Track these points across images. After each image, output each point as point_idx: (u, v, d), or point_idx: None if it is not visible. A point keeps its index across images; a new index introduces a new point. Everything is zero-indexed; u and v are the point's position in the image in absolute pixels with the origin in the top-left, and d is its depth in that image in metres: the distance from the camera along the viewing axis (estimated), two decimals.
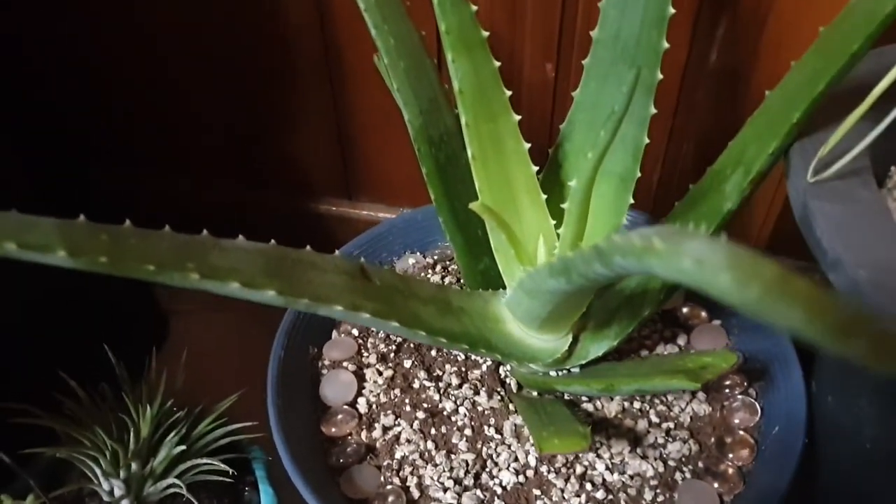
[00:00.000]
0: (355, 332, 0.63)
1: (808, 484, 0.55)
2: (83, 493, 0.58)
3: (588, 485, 0.53)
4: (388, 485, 0.53)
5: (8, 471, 0.54)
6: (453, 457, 0.54)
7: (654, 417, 0.57)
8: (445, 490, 0.52)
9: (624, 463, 0.54)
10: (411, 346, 0.62)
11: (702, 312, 0.63)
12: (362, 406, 0.58)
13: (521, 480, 0.53)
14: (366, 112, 0.81)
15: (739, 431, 0.56)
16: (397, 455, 0.55)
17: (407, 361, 0.61)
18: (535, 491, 0.53)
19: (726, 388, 0.58)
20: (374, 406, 0.58)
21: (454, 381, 0.59)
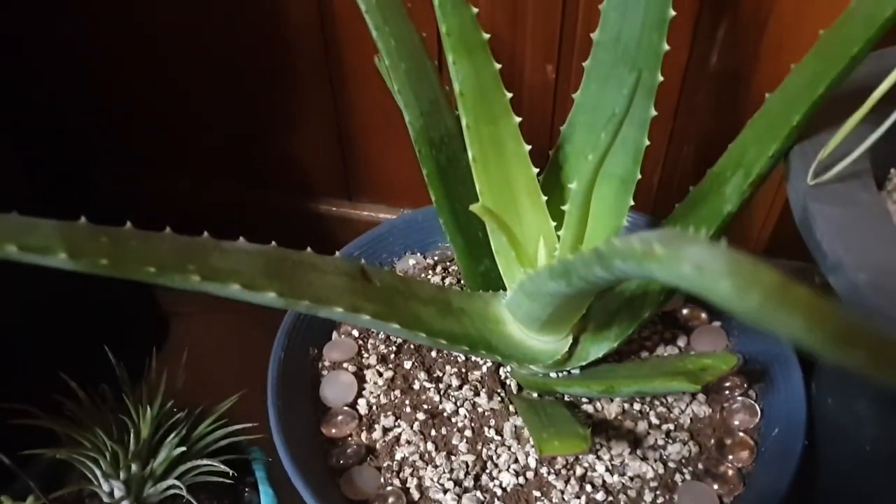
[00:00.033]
0: (355, 333, 0.63)
1: (808, 485, 0.55)
2: (83, 495, 0.58)
3: (588, 486, 0.53)
4: (388, 486, 0.53)
5: (8, 472, 0.54)
6: (453, 458, 0.54)
7: (654, 419, 0.57)
8: (445, 491, 0.52)
9: (624, 464, 0.54)
10: (411, 348, 0.62)
11: (702, 314, 0.63)
12: (362, 407, 0.58)
13: (521, 482, 0.53)
14: (366, 112, 0.81)
15: (739, 433, 0.56)
16: (397, 456, 0.55)
17: (407, 362, 0.61)
18: (535, 492, 0.53)
19: (726, 390, 0.58)
20: (375, 407, 0.58)
21: (454, 382, 0.59)
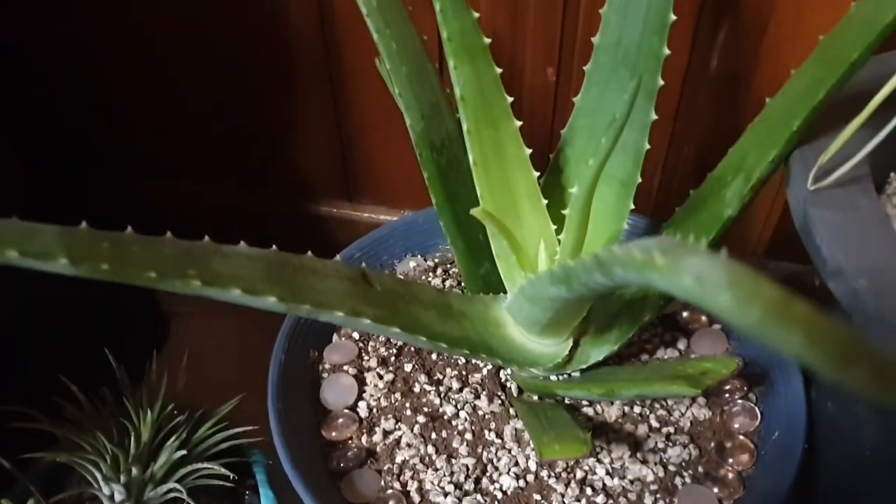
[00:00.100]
0: (356, 335, 0.63)
1: (808, 489, 0.55)
2: (83, 498, 0.58)
3: (588, 489, 0.53)
4: (388, 489, 0.53)
5: (8, 475, 0.53)
6: (454, 461, 0.55)
7: (655, 422, 0.57)
8: (446, 494, 0.53)
9: (624, 467, 0.54)
10: (412, 350, 0.62)
11: (702, 316, 0.63)
12: (363, 410, 0.58)
13: (522, 485, 0.53)
14: (366, 111, 0.81)
15: (739, 436, 0.56)
16: (398, 459, 0.55)
17: (408, 365, 0.61)
18: (536, 496, 0.53)
19: (726, 393, 0.58)
20: (375, 410, 0.58)
21: (455, 385, 0.59)
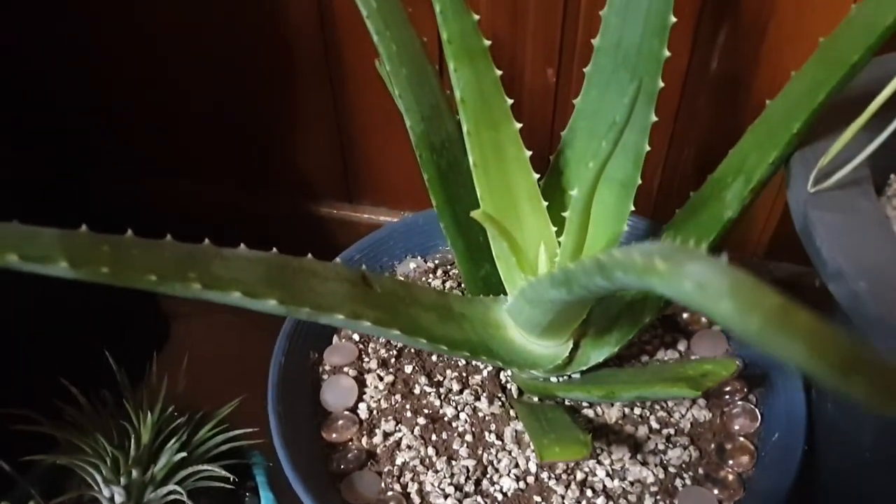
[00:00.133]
0: (356, 337, 0.63)
1: (808, 490, 0.55)
2: (83, 500, 0.58)
3: (588, 491, 0.53)
4: (388, 491, 0.53)
5: (8, 478, 0.54)
6: (454, 463, 0.55)
7: (655, 423, 0.57)
8: (446, 496, 0.53)
9: (624, 469, 0.54)
10: (412, 352, 0.62)
11: (702, 318, 0.63)
12: (363, 412, 0.58)
13: (522, 487, 0.53)
14: (366, 112, 0.81)
15: (739, 437, 0.56)
16: (398, 461, 0.55)
17: (408, 367, 0.61)
18: (536, 497, 0.53)
19: (726, 394, 0.58)
20: (375, 412, 0.58)
21: (455, 386, 0.59)
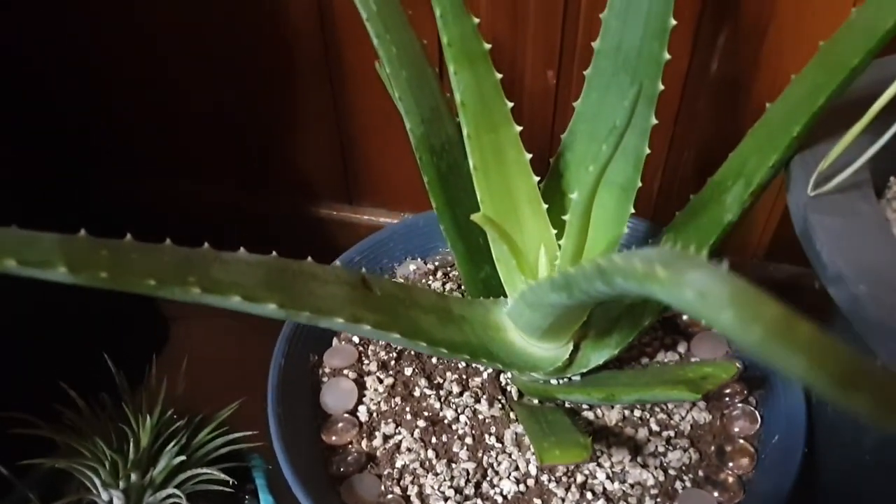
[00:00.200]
0: (356, 339, 0.63)
1: (807, 493, 0.55)
2: None
3: (588, 494, 0.53)
4: (388, 494, 0.53)
5: (6, 482, 0.53)
6: (454, 466, 0.54)
7: (655, 426, 0.57)
8: (446, 499, 0.53)
9: (624, 471, 0.54)
10: (412, 354, 0.62)
11: (702, 320, 0.63)
12: (363, 414, 0.58)
13: (522, 489, 0.53)
14: (366, 114, 0.81)
15: (739, 440, 0.56)
16: (398, 464, 0.55)
17: (408, 369, 0.60)
18: (536, 500, 0.53)
19: (726, 397, 0.58)
20: (375, 414, 0.58)
21: (455, 388, 0.59)
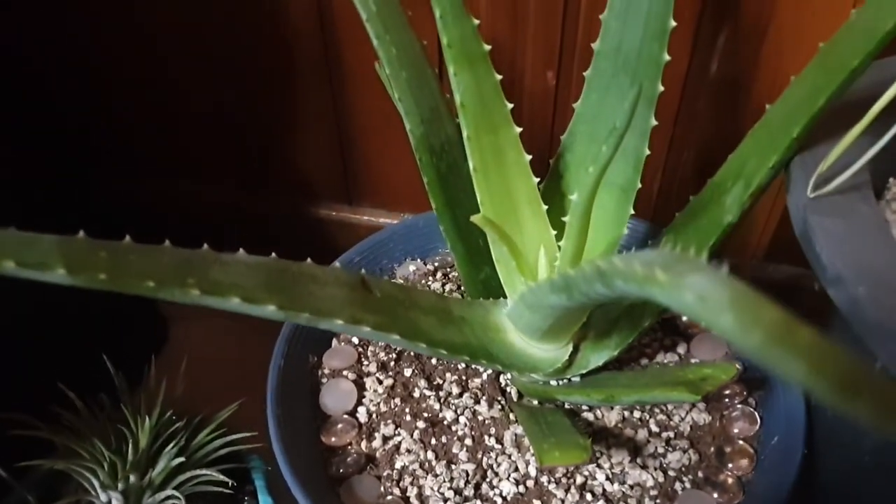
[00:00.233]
0: (355, 340, 0.63)
1: (807, 494, 0.55)
2: None
3: (588, 495, 0.53)
4: (388, 495, 0.53)
5: (4, 483, 0.53)
6: (454, 467, 0.54)
7: (654, 427, 0.57)
8: (446, 501, 0.52)
9: (624, 473, 0.54)
10: (412, 355, 0.62)
11: (702, 323, 0.63)
12: (362, 415, 0.58)
13: (522, 491, 0.53)
14: (366, 113, 0.81)
15: (739, 441, 0.56)
16: (397, 465, 0.55)
17: (407, 370, 0.60)
18: (536, 501, 0.53)
19: (726, 398, 0.58)
20: (374, 415, 0.58)
21: (455, 390, 0.59)
